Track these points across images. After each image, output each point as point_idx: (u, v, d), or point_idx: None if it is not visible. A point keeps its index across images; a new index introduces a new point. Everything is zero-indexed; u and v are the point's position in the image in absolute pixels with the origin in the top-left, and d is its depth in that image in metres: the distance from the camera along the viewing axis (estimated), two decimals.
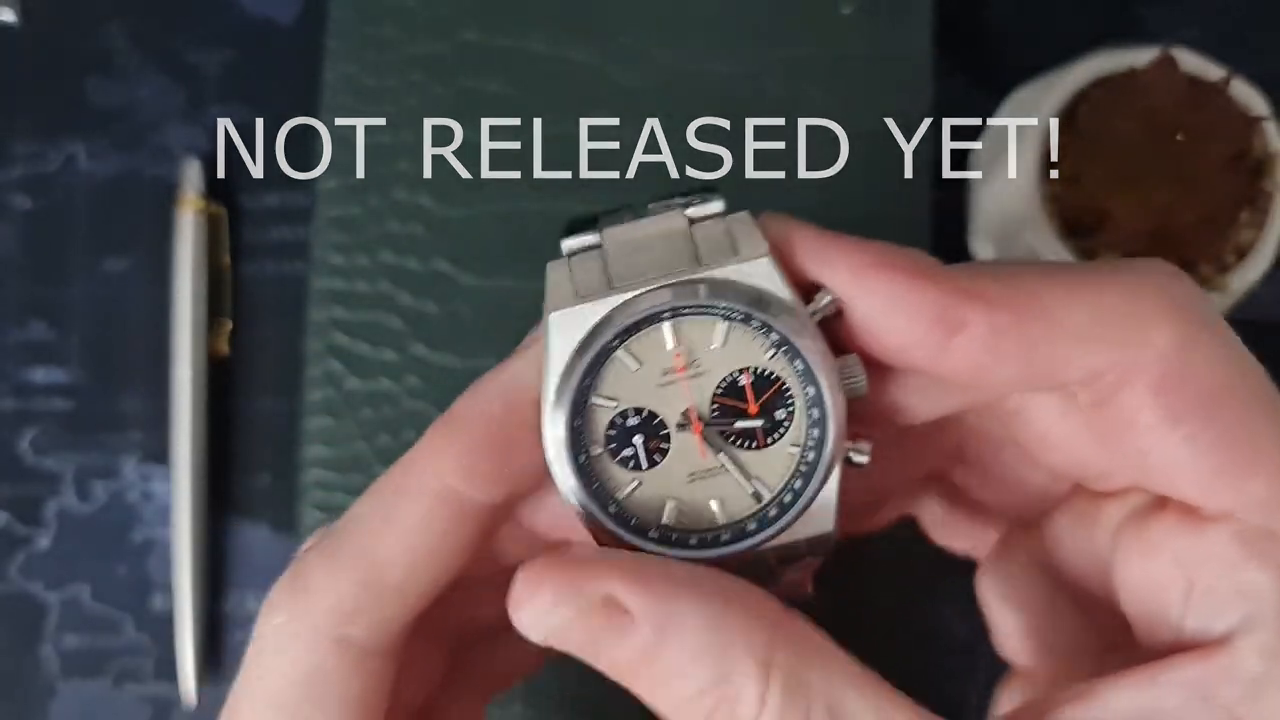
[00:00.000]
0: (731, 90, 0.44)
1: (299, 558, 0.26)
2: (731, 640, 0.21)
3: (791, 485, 0.24)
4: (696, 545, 0.24)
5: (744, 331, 0.24)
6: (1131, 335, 0.22)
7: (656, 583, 0.22)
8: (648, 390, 0.24)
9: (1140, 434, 0.22)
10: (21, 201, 0.48)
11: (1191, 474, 0.22)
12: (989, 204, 0.44)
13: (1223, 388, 0.22)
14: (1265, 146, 0.40)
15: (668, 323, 0.24)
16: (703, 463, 0.24)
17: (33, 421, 0.47)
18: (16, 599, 0.46)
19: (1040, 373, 0.23)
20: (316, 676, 0.24)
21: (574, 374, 0.24)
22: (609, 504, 0.24)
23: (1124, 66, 0.40)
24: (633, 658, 0.22)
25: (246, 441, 0.47)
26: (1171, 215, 0.39)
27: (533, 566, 0.23)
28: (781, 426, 0.24)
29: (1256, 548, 0.22)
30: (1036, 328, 0.22)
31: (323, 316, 0.44)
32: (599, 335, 0.24)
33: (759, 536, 0.24)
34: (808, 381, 0.24)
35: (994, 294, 0.22)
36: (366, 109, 0.45)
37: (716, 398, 0.24)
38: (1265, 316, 0.46)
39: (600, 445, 0.24)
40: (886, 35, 0.44)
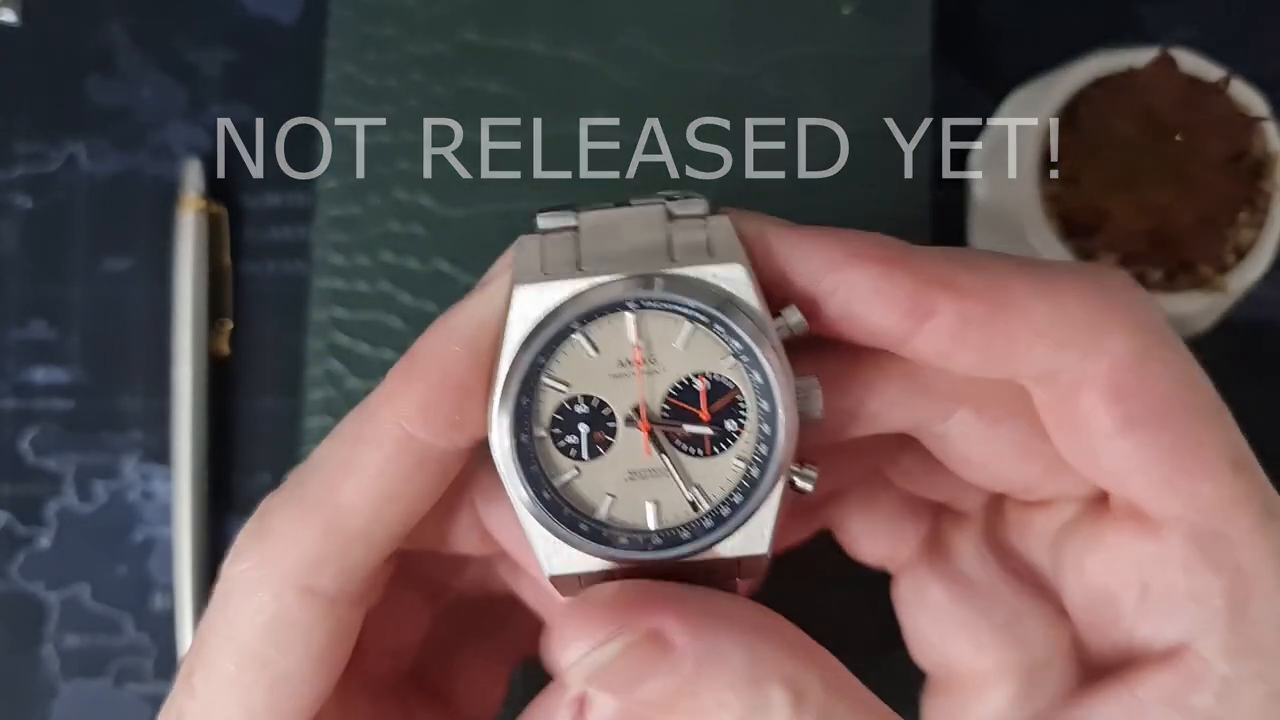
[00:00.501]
0: (731, 90, 0.44)
1: (264, 503, 0.25)
2: (767, 671, 0.22)
3: (731, 499, 0.24)
4: (626, 546, 0.24)
5: (706, 336, 0.24)
6: (1091, 340, 0.23)
7: (701, 616, 0.22)
8: (601, 379, 0.24)
9: (1095, 437, 0.23)
10: (22, 201, 0.48)
11: (1143, 477, 0.23)
12: (989, 204, 0.44)
13: (1175, 396, 0.23)
14: (1264, 147, 0.40)
15: (631, 314, 0.23)
16: (645, 462, 0.24)
17: (33, 421, 0.47)
18: (17, 599, 0.46)
19: (999, 363, 0.23)
20: (281, 623, 0.24)
21: (529, 350, 0.23)
22: (544, 489, 0.24)
23: (1123, 66, 0.40)
24: (672, 691, 0.22)
25: (247, 441, 0.47)
26: (1171, 215, 0.39)
27: (575, 609, 0.23)
28: (730, 437, 0.24)
29: (1207, 550, 0.22)
30: (1002, 320, 0.23)
31: (323, 316, 0.44)
32: (560, 315, 0.23)
33: (690, 546, 0.24)
34: (763, 396, 0.23)
35: (964, 283, 0.23)
36: (367, 109, 0.45)
37: (670, 398, 0.24)
38: (1265, 316, 0.46)
39: (544, 428, 0.24)
40: (886, 35, 0.44)
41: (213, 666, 0.25)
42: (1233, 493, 0.23)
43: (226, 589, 0.25)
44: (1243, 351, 0.46)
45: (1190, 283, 0.40)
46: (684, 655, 0.22)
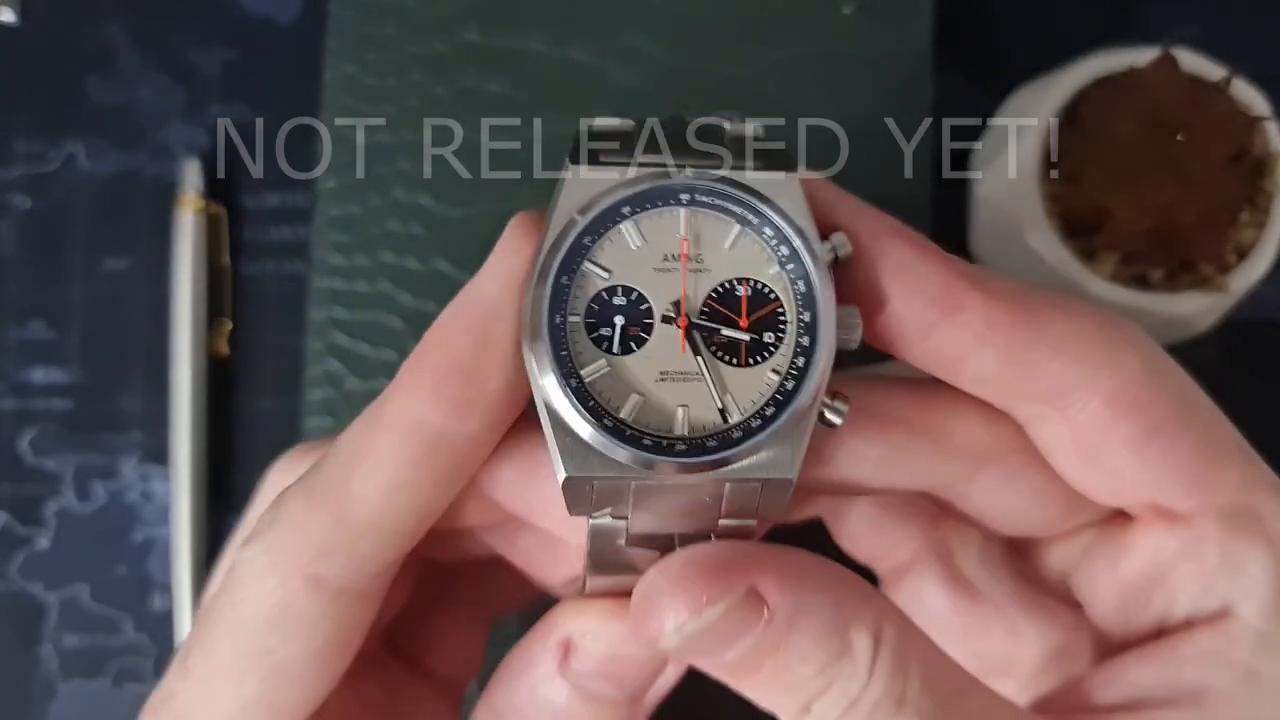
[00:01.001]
0: (731, 90, 0.44)
1: (281, 492, 0.25)
2: (849, 619, 0.23)
3: (763, 412, 0.23)
4: (650, 448, 0.22)
5: (755, 240, 0.23)
6: (1105, 356, 0.24)
7: (791, 573, 0.23)
8: (644, 271, 0.23)
9: (1117, 451, 0.24)
10: (21, 201, 0.48)
11: (1170, 480, 0.24)
12: (989, 204, 0.44)
13: (1184, 402, 0.24)
14: (1266, 146, 0.40)
15: (684, 208, 0.23)
16: (679, 363, 0.23)
17: (32, 421, 0.47)
18: (16, 599, 0.46)
19: (1015, 372, 0.24)
20: (287, 611, 0.24)
21: (574, 229, 0.23)
22: (571, 378, 0.23)
23: (1124, 66, 0.40)
24: (762, 649, 0.22)
25: (246, 441, 0.47)
26: (1172, 215, 0.39)
27: (667, 570, 0.23)
28: (768, 349, 0.23)
29: (1239, 525, 0.24)
30: (1024, 329, 0.23)
31: (323, 316, 0.44)
32: (610, 196, 0.23)
33: (715, 456, 0.23)
34: (805, 307, 0.23)
35: (994, 287, 0.23)
36: (366, 109, 0.45)
37: (710, 300, 0.23)
38: (1266, 316, 0.46)
39: (580, 315, 0.23)
40: (886, 35, 0.44)
41: (210, 649, 0.25)
42: (1250, 474, 0.24)
43: (236, 572, 0.25)
44: (1243, 351, 0.46)
45: (1191, 282, 0.40)
46: (777, 612, 0.22)
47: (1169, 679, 0.25)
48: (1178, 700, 0.24)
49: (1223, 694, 0.24)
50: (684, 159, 0.24)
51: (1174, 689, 0.24)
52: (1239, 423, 0.26)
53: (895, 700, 0.23)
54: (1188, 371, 0.26)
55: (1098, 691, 0.25)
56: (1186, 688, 0.24)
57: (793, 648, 0.22)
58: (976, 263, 0.45)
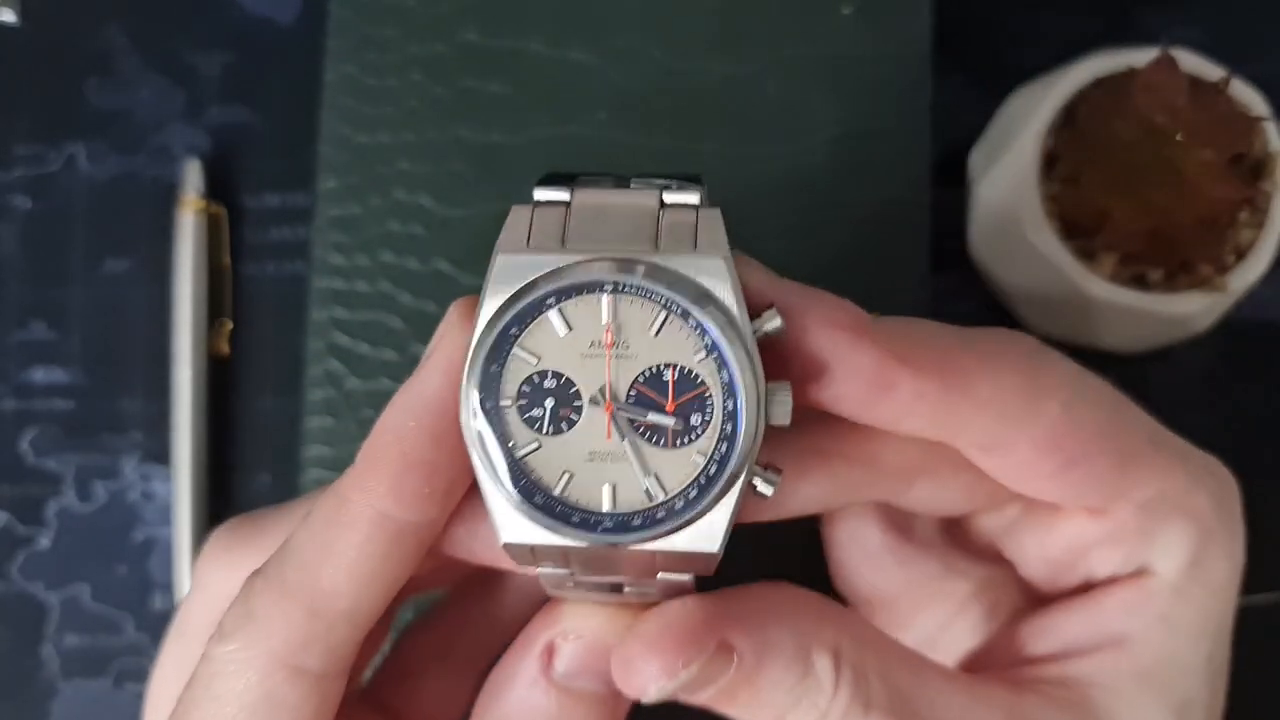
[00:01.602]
0: (731, 90, 0.44)
1: (247, 584, 0.26)
2: (809, 642, 0.25)
3: (687, 493, 0.24)
4: (577, 524, 0.24)
5: (680, 327, 0.24)
6: (1026, 409, 0.26)
7: (755, 617, 0.25)
8: (571, 357, 0.24)
9: (1042, 479, 0.27)
10: (22, 202, 0.48)
11: (1092, 492, 0.27)
12: (989, 204, 0.44)
13: (1099, 427, 0.27)
14: (1264, 147, 0.40)
15: (607, 295, 0.24)
16: (606, 445, 0.24)
17: (33, 422, 0.47)
18: (17, 599, 0.46)
19: (945, 431, 0.26)
20: (269, 702, 0.25)
21: (502, 319, 0.23)
22: (505, 457, 0.24)
23: (1123, 67, 0.40)
24: (736, 683, 0.25)
25: (247, 441, 0.47)
26: (1171, 215, 0.39)
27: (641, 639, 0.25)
28: (694, 432, 0.24)
29: (1155, 510, 0.27)
30: (952, 395, 0.25)
31: (323, 316, 0.44)
32: (536, 288, 0.23)
33: (640, 534, 0.24)
34: (729, 395, 0.24)
35: (922, 361, 0.25)
36: (367, 109, 0.45)
37: (637, 385, 0.24)
38: (1265, 316, 0.46)
39: (511, 399, 0.24)
40: (886, 35, 0.44)
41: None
42: (1162, 465, 0.27)
43: (212, 669, 0.26)
44: (1243, 351, 0.46)
45: (1190, 283, 0.40)
46: (744, 655, 0.25)
47: (1093, 628, 0.28)
48: (1102, 646, 0.27)
49: (1142, 637, 0.27)
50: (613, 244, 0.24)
51: (1098, 636, 0.28)
52: (1237, 421, 0.26)
53: (862, 705, 0.25)
54: (1187, 371, 0.27)
55: (1030, 644, 0.29)
56: (1110, 634, 0.28)
57: (762, 679, 0.25)
58: (976, 264, 0.45)
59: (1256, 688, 0.33)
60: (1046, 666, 0.28)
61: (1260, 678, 0.35)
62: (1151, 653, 0.27)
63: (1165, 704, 0.27)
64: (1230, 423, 0.30)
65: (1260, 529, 0.31)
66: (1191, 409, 0.29)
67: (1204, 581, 0.28)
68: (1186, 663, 0.27)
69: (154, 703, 0.31)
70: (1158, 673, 0.27)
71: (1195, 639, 0.28)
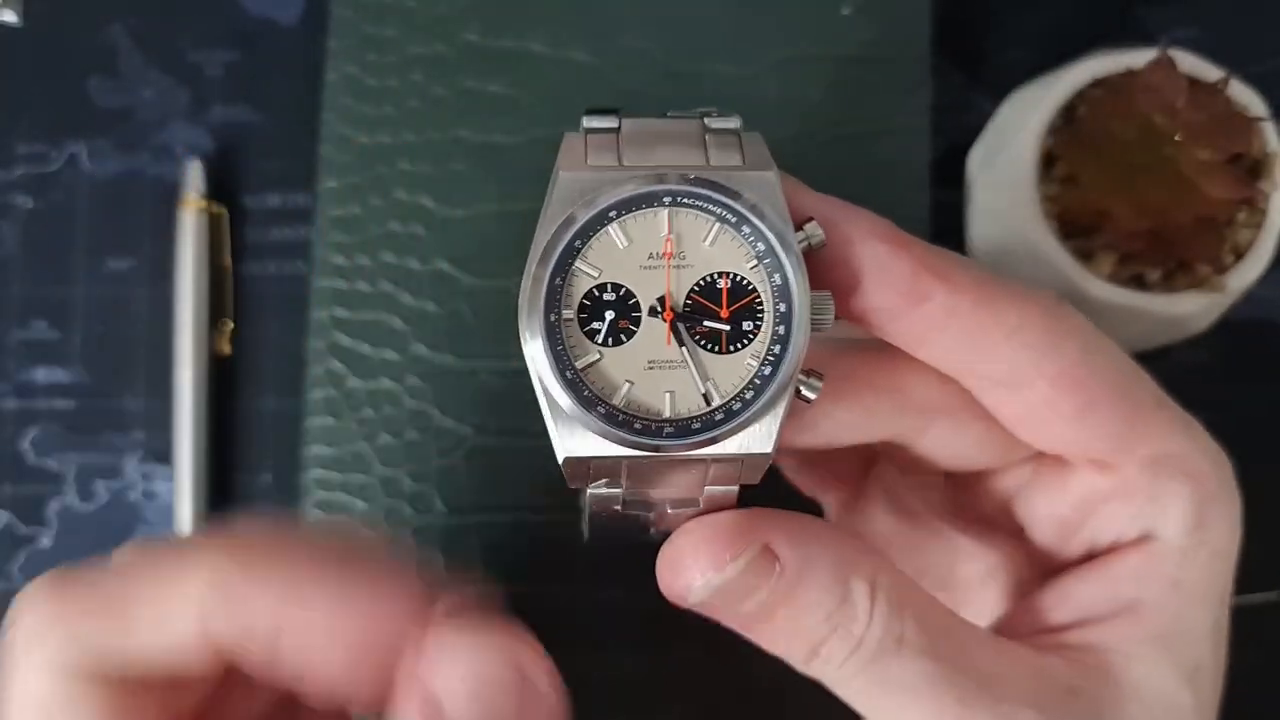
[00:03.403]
0: (731, 90, 0.45)
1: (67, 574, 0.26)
2: (848, 570, 0.26)
3: (743, 395, 0.25)
4: (639, 431, 0.25)
5: (733, 236, 0.25)
6: (1050, 343, 0.27)
7: (799, 531, 0.26)
8: (631, 269, 0.25)
9: (1058, 423, 0.28)
10: (24, 201, 0.48)
11: (1103, 441, 0.28)
12: (988, 204, 0.44)
13: (1116, 375, 0.28)
14: (1263, 147, 0.40)
15: (665, 209, 0.25)
16: (665, 352, 0.25)
17: (35, 421, 0.47)
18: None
19: (971, 356, 0.27)
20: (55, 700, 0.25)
21: (566, 232, 0.24)
22: (566, 369, 0.25)
23: (1122, 67, 0.40)
24: (775, 599, 0.26)
25: (248, 441, 0.47)
26: (1169, 215, 0.39)
27: (691, 536, 0.26)
28: (746, 337, 0.25)
29: (1160, 468, 0.28)
30: (982, 315, 0.26)
31: (324, 316, 0.44)
32: (598, 202, 0.24)
33: (700, 437, 0.25)
34: (781, 298, 0.25)
35: (957, 278, 0.26)
36: (368, 109, 0.45)
37: (692, 294, 0.25)
38: (1263, 316, 0.46)
39: (573, 310, 0.25)
40: (885, 36, 0.44)
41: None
42: (1167, 426, 0.28)
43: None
44: (1241, 351, 0.46)
45: (1189, 282, 0.40)
46: (787, 566, 0.25)
47: (1107, 595, 0.29)
48: (1118, 612, 0.28)
49: (1154, 603, 0.28)
50: (667, 160, 0.25)
51: (1113, 603, 0.29)
52: (1235, 421, 0.28)
53: (895, 640, 0.26)
54: (1185, 371, 0.28)
55: (1050, 613, 0.30)
56: (1123, 601, 0.28)
57: (802, 597, 0.26)
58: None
59: (1256, 688, 0.33)
60: (1065, 634, 0.29)
61: (1260, 678, 0.35)
62: (1164, 618, 0.28)
63: (1179, 669, 0.28)
64: (1229, 422, 0.30)
65: (1259, 528, 0.31)
66: (1190, 409, 0.29)
67: (1208, 545, 0.28)
68: (1196, 628, 0.28)
69: None
70: (1170, 638, 0.28)
71: (1203, 604, 0.28)
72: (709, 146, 0.25)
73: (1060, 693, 0.27)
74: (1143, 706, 0.27)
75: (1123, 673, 0.28)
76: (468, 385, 0.43)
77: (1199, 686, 0.28)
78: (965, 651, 0.27)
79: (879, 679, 0.26)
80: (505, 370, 0.43)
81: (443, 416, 0.43)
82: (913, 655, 0.26)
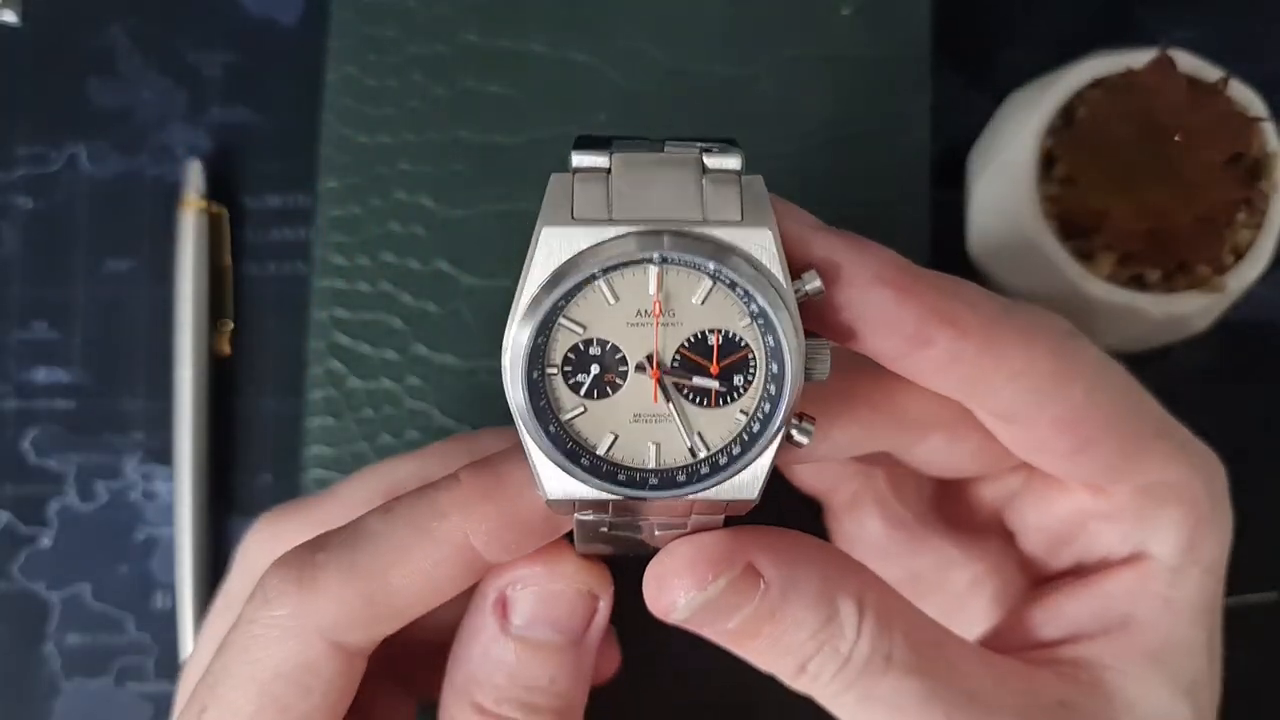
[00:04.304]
0: (731, 90, 0.45)
1: (302, 557, 0.27)
2: (835, 589, 0.26)
3: (730, 449, 0.25)
4: (623, 483, 0.24)
5: (726, 295, 0.24)
6: (1054, 387, 0.27)
7: (784, 549, 0.26)
8: (618, 326, 0.24)
9: (1053, 455, 0.28)
10: (23, 202, 0.48)
11: (1100, 472, 0.28)
12: (988, 204, 0.44)
13: (1115, 411, 0.27)
14: (1263, 147, 0.40)
15: (654, 267, 0.24)
16: (651, 407, 0.25)
17: (35, 421, 0.47)
18: (19, 598, 0.46)
19: (972, 396, 0.27)
20: (307, 672, 0.26)
21: (551, 292, 0.24)
22: (550, 423, 0.24)
23: (1121, 68, 0.40)
24: (759, 617, 0.26)
25: (248, 441, 0.47)
26: (1169, 216, 0.39)
27: (675, 555, 0.26)
28: (736, 391, 0.25)
29: (1154, 495, 0.28)
30: (986, 361, 0.26)
31: (324, 316, 0.44)
32: (583, 262, 0.23)
33: (685, 490, 0.24)
34: (774, 358, 0.24)
35: (964, 323, 0.26)
36: (367, 110, 0.45)
37: (682, 350, 0.24)
38: (1263, 316, 0.46)
39: (556, 366, 0.24)
40: (885, 36, 0.44)
41: (229, 705, 0.26)
42: (1167, 454, 0.28)
43: (254, 631, 0.27)
44: (1241, 351, 0.46)
45: (1188, 283, 0.40)
46: (771, 585, 0.25)
47: (1099, 611, 0.29)
48: (1109, 629, 0.28)
49: (1146, 620, 0.28)
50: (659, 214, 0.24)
51: (1105, 620, 0.29)
52: (1235, 421, 0.28)
53: (883, 658, 0.26)
54: (1185, 371, 0.28)
55: (1040, 628, 0.30)
56: (1115, 617, 0.29)
57: (786, 615, 0.26)
58: (975, 264, 0.45)
59: (1257, 688, 0.33)
60: (1055, 650, 0.29)
61: (1260, 678, 0.35)
62: (1158, 634, 0.28)
63: (1175, 684, 0.28)
64: (1228, 422, 0.30)
65: (1258, 528, 0.31)
66: (1189, 409, 0.29)
67: (1200, 563, 0.29)
68: (1190, 644, 0.28)
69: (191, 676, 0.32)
70: (1165, 654, 0.28)
71: (1196, 619, 0.28)
72: (706, 193, 0.24)
73: (1051, 706, 0.27)
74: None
75: (1116, 688, 0.28)
76: (468, 385, 0.43)
77: (1198, 701, 0.28)
78: (954, 667, 0.27)
79: (867, 696, 0.26)
80: None
81: (443, 416, 0.43)
82: (901, 673, 0.26)
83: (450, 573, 0.26)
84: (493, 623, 0.28)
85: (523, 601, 0.28)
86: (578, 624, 0.28)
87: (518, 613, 0.28)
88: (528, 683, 0.27)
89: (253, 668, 0.26)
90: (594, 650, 0.29)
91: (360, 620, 0.26)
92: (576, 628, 0.28)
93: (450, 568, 0.26)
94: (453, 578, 0.26)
